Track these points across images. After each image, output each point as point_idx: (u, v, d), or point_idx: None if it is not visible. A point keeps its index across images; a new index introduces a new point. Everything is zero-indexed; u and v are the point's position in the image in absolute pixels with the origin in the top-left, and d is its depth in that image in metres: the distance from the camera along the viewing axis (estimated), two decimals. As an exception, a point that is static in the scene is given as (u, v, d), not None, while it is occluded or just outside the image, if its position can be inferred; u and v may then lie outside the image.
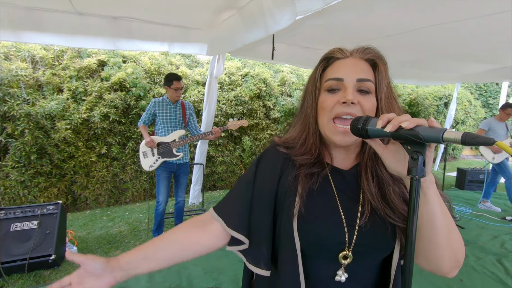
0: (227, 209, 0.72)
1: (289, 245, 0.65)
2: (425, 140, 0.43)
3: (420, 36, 3.03)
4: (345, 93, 0.63)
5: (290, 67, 5.56)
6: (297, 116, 0.75)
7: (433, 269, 0.61)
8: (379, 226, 0.63)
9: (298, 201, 0.65)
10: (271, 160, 0.73)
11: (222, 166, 4.86)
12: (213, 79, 3.78)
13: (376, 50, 0.67)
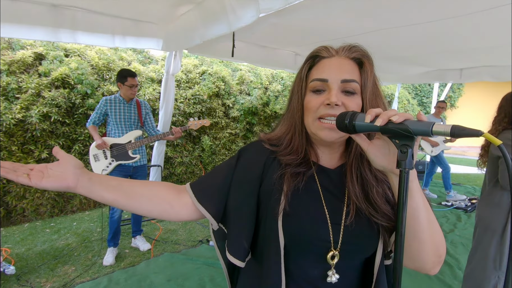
0: (202, 186, 0.72)
1: (273, 242, 0.64)
2: (415, 134, 0.45)
3: (369, 40, 3.25)
4: (329, 94, 0.62)
5: (248, 66, 5.57)
6: (284, 116, 0.75)
7: (417, 266, 0.61)
8: (364, 225, 0.64)
9: (283, 199, 0.64)
10: (255, 154, 0.73)
11: (181, 167, 4.68)
12: (170, 77, 3.60)
13: (362, 48, 0.67)
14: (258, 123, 5.56)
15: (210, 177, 0.73)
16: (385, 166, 0.55)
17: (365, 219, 0.64)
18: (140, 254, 2.78)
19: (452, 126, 0.41)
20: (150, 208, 0.68)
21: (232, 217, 0.70)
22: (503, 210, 1.72)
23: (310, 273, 0.65)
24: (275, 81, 5.80)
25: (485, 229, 1.81)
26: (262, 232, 0.68)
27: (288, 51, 4.28)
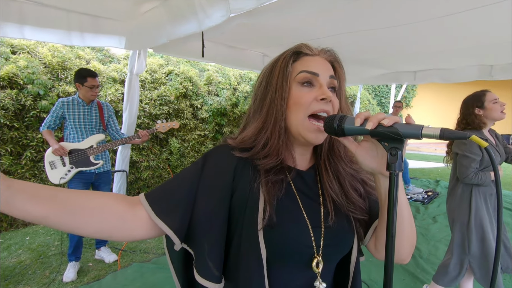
0: (160, 196, 0.60)
1: (252, 256, 0.59)
2: (404, 137, 0.46)
3: (334, 42, 3.36)
4: (322, 89, 0.61)
5: (215, 66, 5.49)
6: (256, 113, 0.66)
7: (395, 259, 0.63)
8: (343, 224, 0.64)
9: (264, 210, 0.59)
10: (223, 158, 0.64)
11: (147, 171, 4.46)
12: (134, 77, 3.42)
13: (336, 54, 0.68)
14: (228, 124, 5.50)
15: (171, 185, 0.61)
16: (373, 167, 0.56)
17: (343, 216, 0.64)
18: (105, 267, 2.59)
19: (441, 130, 0.42)
20: (96, 225, 0.53)
21: (199, 233, 0.59)
22: (465, 201, 1.88)
23: (294, 284, 0.62)
24: (244, 82, 5.79)
25: (453, 220, 1.97)
26: (236, 247, 0.61)
27: (256, 52, 4.29)
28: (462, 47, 3.40)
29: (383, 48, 3.68)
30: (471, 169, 1.81)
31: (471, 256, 1.87)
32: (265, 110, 0.64)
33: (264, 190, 0.60)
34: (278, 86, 0.63)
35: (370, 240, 0.67)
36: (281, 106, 0.62)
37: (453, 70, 4.76)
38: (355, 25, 2.79)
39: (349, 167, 0.68)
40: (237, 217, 0.61)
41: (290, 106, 0.62)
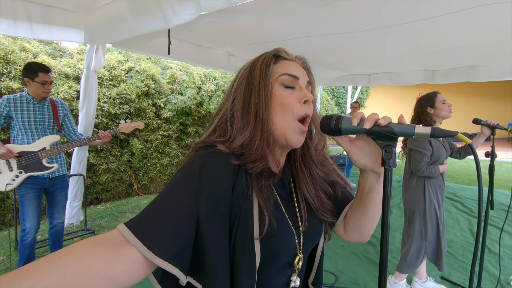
0: (152, 229, 0.49)
1: (246, 264, 0.57)
2: (398, 135, 0.50)
3: (298, 45, 3.48)
4: (303, 92, 0.62)
5: (179, 64, 5.33)
6: (242, 117, 0.62)
7: (360, 239, 0.71)
8: (315, 224, 0.68)
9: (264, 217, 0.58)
10: (222, 172, 0.57)
11: (107, 175, 4.18)
12: (91, 73, 3.18)
13: (307, 62, 0.71)
14: (193, 124, 5.38)
15: (162, 213, 0.50)
16: (366, 164, 0.60)
17: (314, 218, 0.68)
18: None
19: (432, 128, 0.47)
20: None
21: (206, 264, 0.52)
22: (419, 192, 2.08)
23: (274, 281, 0.64)
24: (208, 81, 5.71)
25: (410, 211, 2.16)
26: (231, 252, 0.57)
27: (222, 51, 4.26)
28: (409, 53, 3.77)
29: (341, 52, 3.91)
30: (423, 162, 2.01)
31: (428, 242, 2.08)
32: (253, 112, 0.61)
33: (259, 196, 0.58)
34: (261, 86, 0.62)
35: (340, 225, 0.72)
36: (266, 107, 0.61)
37: (401, 74, 5.23)
38: (317, 30, 2.94)
39: (321, 170, 0.70)
40: (232, 224, 0.57)
41: (274, 106, 0.61)
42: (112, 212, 3.90)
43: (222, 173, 0.56)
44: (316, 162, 0.70)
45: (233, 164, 0.58)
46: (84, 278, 0.42)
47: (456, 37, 3.01)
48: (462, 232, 3.46)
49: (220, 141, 0.61)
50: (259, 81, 0.62)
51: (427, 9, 2.30)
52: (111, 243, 0.47)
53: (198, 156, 0.58)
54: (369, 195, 0.63)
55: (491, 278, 2.46)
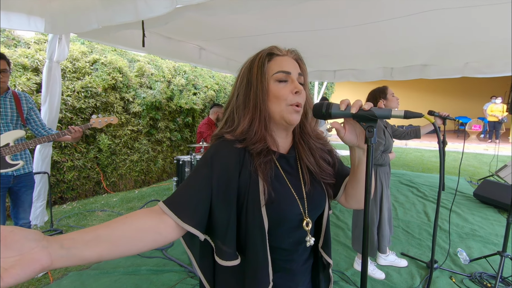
0: (182, 204, 0.67)
1: (257, 227, 0.71)
2: (379, 117, 0.61)
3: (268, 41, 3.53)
4: (294, 84, 0.75)
5: (147, 57, 5.16)
6: (242, 109, 0.76)
7: (359, 206, 0.84)
8: (317, 190, 0.81)
9: (264, 188, 0.71)
10: (227, 157, 0.72)
11: (72, 172, 3.96)
12: (55, 65, 3.00)
13: (299, 52, 0.82)
14: (163, 119, 5.27)
15: (188, 191, 0.69)
16: (353, 142, 0.72)
17: (316, 182, 0.81)
18: (33, 282, 2.27)
19: (405, 111, 0.59)
20: (141, 246, 0.60)
21: (218, 227, 0.70)
22: (376, 176, 2.31)
23: (285, 242, 0.77)
24: (178, 74, 5.60)
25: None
26: (244, 223, 0.72)
27: (193, 44, 4.22)
28: (370, 52, 4.06)
29: (310, 49, 4.08)
30: (378, 151, 2.24)
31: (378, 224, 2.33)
32: (252, 104, 0.75)
33: (260, 171, 0.72)
34: (259, 83, 0.75)
35: (341, 195, 0.86)
36: (263, 100, 0.75)
37: (364, 71, 5.58)
38: (287, 27, 3.05)
39: (318, 142, 0.84)
40: (242, 198, 0.72)
41: (270, 99, 0.75)
42: (80, 211, 3.72)
43: (229, 156, 0.72)
44: (312, 136, 0.83)
45: (238, 148, 0.73)
46: (141, 232, 0.61)
47: (411, 38, 3.31)
48: (418, 213, 3.85)
49: (227, 131, 0.77)
50: (256, 79, 0.75)
51: (386, 11, 2.52)
52: (157, 212, 0.66)
53: (211, 146, 0.75)
54: (359, 167, 0.76)
55: (442, 251, 2.80)
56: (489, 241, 3.04)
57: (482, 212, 3.89)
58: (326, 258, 0.84)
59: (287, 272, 0.80)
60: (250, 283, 0.72)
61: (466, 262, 2.60)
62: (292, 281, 0.81)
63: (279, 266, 0.78)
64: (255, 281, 0.71)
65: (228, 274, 0.76)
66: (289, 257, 0.79)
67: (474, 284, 2.29)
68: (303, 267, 0.83)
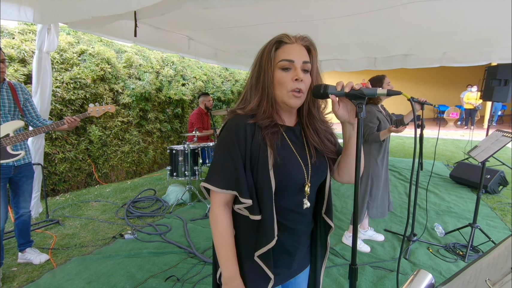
0: (234, 182, 0.84)
1: (266, 189, 0.84)
2: (366, 96, 0.75)
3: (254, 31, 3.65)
4: (296, 72, 0.84)
5: (134, 48, 5.12)
6: (254, 89, 0.89)
7: (350, 179, 0.95)
8: (321, 161, 0.94)
9: (271, 154, 0.84)
10: (244, 129, 0.85)
11: (63, 164, 3.96)
12: (44, 55, 2.99)
13: (310, 39, 0.92)
14: (153, 110, 5.28)
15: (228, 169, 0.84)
16: (346, 118, 0.85)
17: (321, 156, 0.95)
18: (37, 268, 2.34)
19: (387, 90, 0.73)
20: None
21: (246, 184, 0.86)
22: (367, 158, 2.50)
23: (290, 203, 0.90)
24: (167, 65, 5.60)
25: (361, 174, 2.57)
26: (255, 180, 0.86)
27: (182, 35, 4.23)
28: (355, 42, 4.22)
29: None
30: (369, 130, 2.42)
31: (372, 199, 2.53)
32: (260, 86, 0.88)
33: (267, 139, 0.85)
34: (266, 69, 0.86)
35: (335, 171, 1.00)
36: (269, 84, 0.87)
37: (349, 61, 5.75)
38: (274, 17, 3.13)
39: (323, 124, 0.96)
40: (253, 163, 0.86)
41: (275, 85, 0.86)
42: (73, 202, 3.76)
43: (245, 128, 0.85)
44: (318, 119, 0.94)
45: (250, 122, 0.86)
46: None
47: (391, 29, 3.48)
48: (400, 195, 4.13)
49: (239, 107, 0.90)
50: (265, 65, 0.87)
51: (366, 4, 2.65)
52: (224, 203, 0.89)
53: (228, 121, 0.88)
54: (350, 141, 0.90)
55: (421, 226, 3.06)
56: (462, 216, 3.34)
57: (457, 192, 4.22)
58: (329, 222, 0.97)
59: (292, 232, 0.92)
60: (260, 234, 0.86)
61: (442, 234, 2.87)
62: (296, 241, 0.94)
63: (285, 226, 0.90)
64: (264, 234, 0.85)
65: (243, 221, 0.91)
66: (294, 218, 0.91)
67: (448, 253, 2.56)
68: (306, 228, 0.97)
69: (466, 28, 3.34)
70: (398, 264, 1.26)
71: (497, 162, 5.70)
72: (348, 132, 0.89)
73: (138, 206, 3.67)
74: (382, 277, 2.20)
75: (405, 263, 2.40)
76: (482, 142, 2.60)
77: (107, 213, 3.48)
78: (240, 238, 0.92)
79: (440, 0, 2.51)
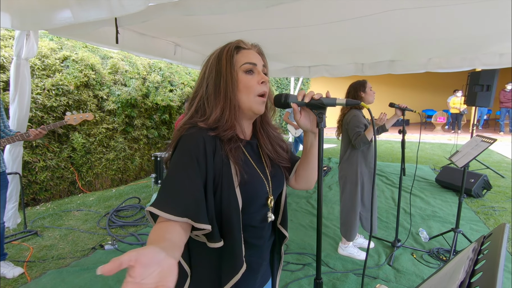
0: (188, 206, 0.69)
1: (233, 209, 0.76)
2: (326, 105, 0.74)
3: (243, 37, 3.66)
4: (260, 75, 0.82)
5: (120, 54, 5.06)
6: (213, 99, 0.81)
7: (307, 186, 0.95)
8: (277, 171, 0.92)
9: (236, 170, 0.77)
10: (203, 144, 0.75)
11: (44, 173, 3.86)
12: (23, 62, 2.92)
13: (261, 48, 0.90)
14: (139, 116, 5.21)
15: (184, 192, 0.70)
16: (308, 127, 0.84)
17: (277, 167, 0.92)
18: (9, 282, 2.24)
19: (346, 100, 0.72)
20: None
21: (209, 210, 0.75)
22: (355, 165, 2.48)
23: (255, 219, 0.85)
24: (153, 71, 5.55)
25: (346, 182, 2.54)
26: (218, 203, 0.76)
27: (168, 41, 4.21)
28: (342, 48, 4.26)
29: (284, 45, 4.21)
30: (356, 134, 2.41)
31: (365, 209, 2.52)
32: (222, 94, 0.80)
33: (230, 155, 0.78)
34: (228, 74, 0.80)
35: (292, 178, 0.98)
36: (233, 89, 0.80)
37: (337, 66, 5.81)
38: (262, 23, 3.15)
39: (275, 131, 0.94)
40: (216, 181, 0.77)
41: (240, 89, 0.80)
42: (54, 212, 3.65)
43: (205, 143, 0.75)
44: (271, 125, 0.93)
45: (211, 135, 0.77)
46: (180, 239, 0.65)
47: (376, 35, 3.52)
48: (386, 199, 4.15)
49: (200, 120, 0.80)
50: (226, 70, 0.80)
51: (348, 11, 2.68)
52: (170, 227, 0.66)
53: (187, 135, 0.76)
54: (311, 150, 0.89)
55: (405, 231, 3.06)
56: (447, 220, 3.37)
57: (443, 196, 4.26)
58: (284, 233, 0.95)
59: (258, 249, 0.87)
60: (225, 264, 0.78)
61: (426, 240, 2.87)
62: (260, 257, 0.89)
63: (251, 244, 0.85)
64: (229, 262, 0.77)
65: (203, 256, 0.81)
66: (259, 234, 0.87)
67: (432, 259, 2.56)
68: (268, 243, 0.92)
69: (450, 34, 3.40)
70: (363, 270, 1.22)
71: (482, 165, 5.80)
72: (310, 140, 0.88)
73: (122, 215, 3.58)
74: (365, 284, 2.18)
75: (389, 269, 2.39)
76: (462, 147, 2.63)
77: (88, 222, 3.38)
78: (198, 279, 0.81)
79: (424, 8, 2.55)
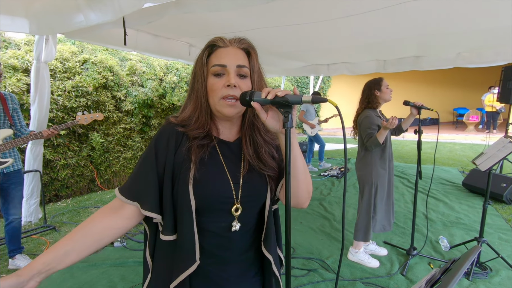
0: (139, 192, 0.77)
1: (186, 207, 0.75)
2: (291, 103, 0.66)
3: (257, 36, 3.59)
4: (228, 77, 0.76)
5: (138, 56, 5.21)
6: (189, 97, 0.82)
7: (296, 202, 0.81)
8: (258, 180, 0.82)
9: (192, 168, 0.76)
10: (167, 137, 0.79)
11: (65, 171, 4.05)
12: (43, 65, 3.06)
13: (249, 41, 0.83)
14: (156, 117, 5.33)
15: (139, 179, 0.77)
16: (276, 128, 0.74)
17: (256, 173, 0.83)
18: (24, 275, 2.35)
19: (312, 97, 0.64)
20: (103, 244, 0.75)
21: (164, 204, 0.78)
22: (370, 166, 2.35)
23: (216, 225, 0.79)
24: (170, 72, 5.65)
25: (364, 184, 2.42)
26: (175, 199, 0.77)
27: (182, 42, 4.25)
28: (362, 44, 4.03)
29: (299, 43, 4.08)
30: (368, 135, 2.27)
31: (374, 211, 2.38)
32: (194, 95, 0.81)
33: (191, 151, 0.77)
34: (198, 77, 0.79)
35: (280, 191, 0.86)
36: (202, 92, 0.79)
37: (357, 64, 5.56)
38: (275, 21, 3.05)
39: (266, 136, 0.85)
40: (175, 176, 0.78)
41: (208, 92, 0.79)
42: (73, 208, 3.81)
43: (169, 137, 0.79)
44: (261, 130, 0.84)
45: (179, 131, 0.79)
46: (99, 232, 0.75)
47: (398, 29, 3.26)
48: (406, 204, 3.91)
49: (174, 116, 0.83)
50: (197, 72, 0.80)
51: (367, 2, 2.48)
52: (114, 209, 0.77)
53: (160, 129, 0.82)
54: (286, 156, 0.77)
55: (424, 239, 2.85)
56: (472, 228, 3.10)
57: (470, 201, 3.94)
58: (266, 255, 0.83)
59: (219, 260, 0.81)
60: (177, 259, 0.77)
61: (446, 249, 2.66)
62: (224, 271, 0.81)
63: (211, 252, 0.79)
64: (181, 257, 0.76)
65: (163, 250, 0.81)
66: (221, 243, 0.80)
67: (452, 270, 2.35)
68: (239, 258, 0.83)
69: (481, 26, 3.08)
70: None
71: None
72: (282, 144, 0.77)
73: (135, 213, 3.67)
74: (374, 294, 2.05)
75: (401, 279, 2.23)
76: (488, 149, 2.39)
77: (103, 219, 3.50)
78: (157, 273, 0.82)
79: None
